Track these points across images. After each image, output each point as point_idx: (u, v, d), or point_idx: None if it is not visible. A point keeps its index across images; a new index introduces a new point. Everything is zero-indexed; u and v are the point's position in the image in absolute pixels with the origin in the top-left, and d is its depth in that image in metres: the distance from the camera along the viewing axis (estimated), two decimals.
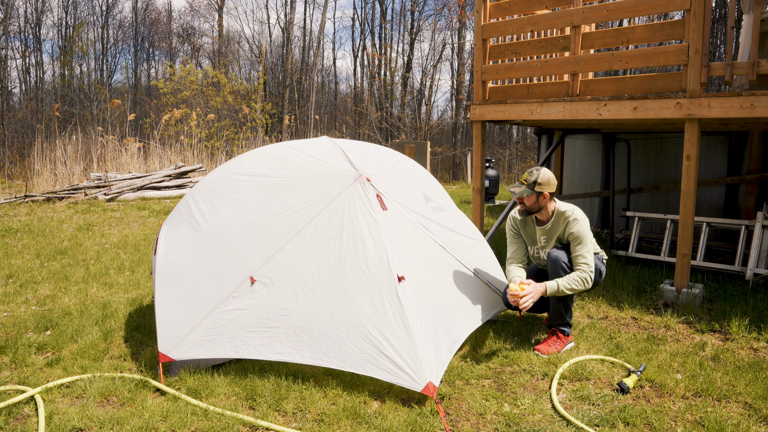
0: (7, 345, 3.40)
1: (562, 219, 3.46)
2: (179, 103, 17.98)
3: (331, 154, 3.35)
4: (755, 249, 4.68)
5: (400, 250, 3.04)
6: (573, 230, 3.41)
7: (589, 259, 3.37)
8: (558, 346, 3.42)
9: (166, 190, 10.60)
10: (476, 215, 5.65)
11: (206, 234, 3.25)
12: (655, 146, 6.84)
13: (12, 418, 2.61)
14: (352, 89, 28.86)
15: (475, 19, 5.47)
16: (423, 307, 2.94)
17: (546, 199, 3.45)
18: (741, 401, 2.82)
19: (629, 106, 4.51)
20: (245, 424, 2.57)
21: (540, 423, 2.60)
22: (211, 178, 3.55)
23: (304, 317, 2.86)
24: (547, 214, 3.51)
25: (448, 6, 24.02)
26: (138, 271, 5.29)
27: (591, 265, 3.36)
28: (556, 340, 3.45)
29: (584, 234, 3.39)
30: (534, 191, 3.42)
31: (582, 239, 3.39)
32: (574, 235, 3.40)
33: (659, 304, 4.39)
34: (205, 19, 38.00)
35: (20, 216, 8.24)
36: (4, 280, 4.94)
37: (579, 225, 3.40)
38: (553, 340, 3.45)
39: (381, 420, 2.56)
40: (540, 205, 3.46)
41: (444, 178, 17.96)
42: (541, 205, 3.46)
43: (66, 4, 28.63)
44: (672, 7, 4.37)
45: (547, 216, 3.51)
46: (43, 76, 28.27)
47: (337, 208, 3.06)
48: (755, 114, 3.94)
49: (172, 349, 2.92)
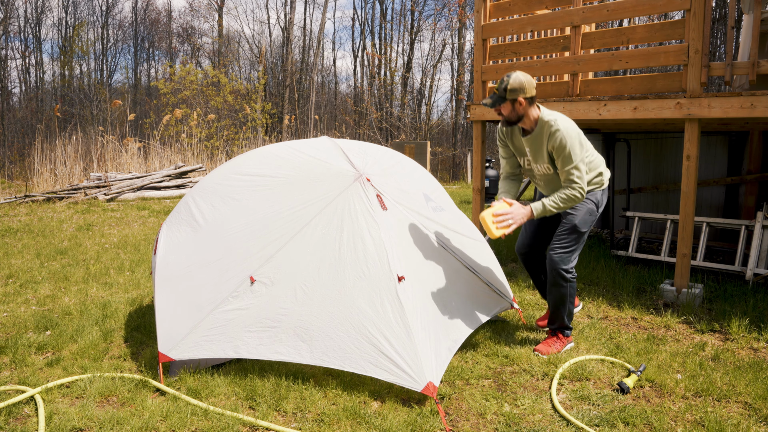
0: (7, 345, 3.40)
1: (546, 129, 3.13)
2: (179, 103, 17.99)
3: (331, 154, 3.35)
4: (755, 249, 4.69)
5: (400, 250, 3.04)
6: (554, 143, 3.08)
7: (577, 175, 3.07)
8: (558, 346, 3.41)
9: (166, 190, 10.60)
10: (476, 215, 5.65)
11: (206, 234, 3.25)
12: (655, 146, 6.84)
13: (12, 418, 2.61)
14: (352, 89, 28.88)
15: (475, 19, 5.47)
16: (423, 306, 2.94)
17: (523, 105, 3.12)
18: (741, 401, 2.82)
19: (629, 106, 4.51)
20: (245, 424, 2.57)
21: (540, 423, 2.60)
22: (210, 178, 3.55)
23: (304, 317, 2.86)
24: (530, 123, 3.20)
25: (448, 6, 24.03)
26: (138, 271, 5.29)
27: (581, 182, 3.08)
28: (555, 340, 3.43)
29: (569, 146, 3.05)
30: (507, 99, 3.12)
31: (566, 152, 3.06)
32: (557, 149, 3.08)
33: (659, 304, 4.39)
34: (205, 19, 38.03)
35: (20, 216, 8.24)
36: (4, 280, 4.94)
37: (561, 136, 3.06)
38: (553, 341, 3.43)
39: (381, 420, 2.56)
40: (518, 113, 3.15)
41: (444, 178, 17.97)
42: (520, 113, 3.15)
43: (66, 4, 28.64)
44: (672, 7, 4.37)
45: (530, 125, 3.21)
46: (43, 76, 28.28)
47: (337, 208, 3.06)
48: (755, 114, 3.94)
49: (172, 349, 2.92)
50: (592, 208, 3.34)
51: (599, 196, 3.39)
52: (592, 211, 3.34)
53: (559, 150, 3.10)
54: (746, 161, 6.02)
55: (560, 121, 3.11)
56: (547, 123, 3.14)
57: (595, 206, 3.36)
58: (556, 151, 3.12)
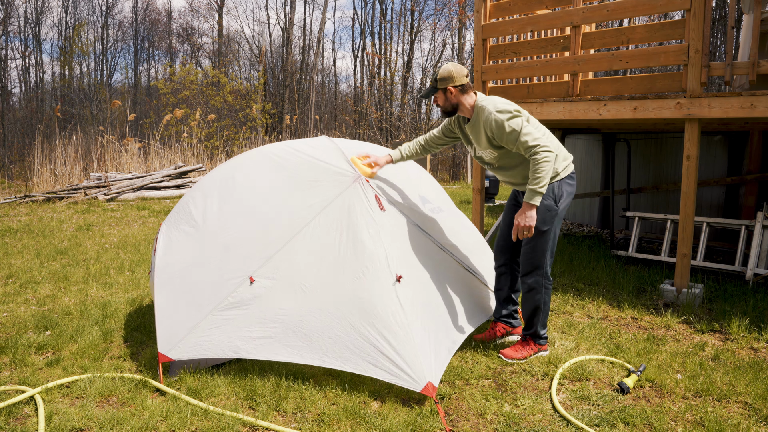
0: (7, 345, 3.40)
1: (481, 115, 3.09)
2: (179, 103, 17.99)
3: (331, 154, 3.35)
4: (755, 249, 4.68)
5: (399, 250, 3.04)
6: (491, 126, 3.01)
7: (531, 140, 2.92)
8: (525, 353, 3.25)
9: (166, 190, 10.60)
10: (476, 215, 5.64)
11: (205, 234, 3.25)
12: (655, 146, 6.84)
13: (12, 418, 2.61)
14: (352, 89, 28.88)
15: (475, 19, 5.47)
16: (422, 306, 2.94)
17: (454, 93, 3.11)
18: (741, 401, 2.82)
19: (629, 106, 4.51)
20: (245, 424, 2.57)
21: (540, 423, 2.60)
22: (210, 177, 3.55)
23: (304, 317, 2.86)
24: (467, 111, 3.17)
25: (448, 6, 24.04)
26: (138, 271, 5.29)
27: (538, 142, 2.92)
28: (524, 345, 3.28)
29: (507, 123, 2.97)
30: (438, 89, 3.13)
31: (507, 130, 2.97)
32: (496, 132, 3.00)
33: (659, 304, 4.39)
34: (205, 19, 38.03)
35: (20, 216, 8.23)
36: (4, 280, 4.94)
37: (493, 117, 2.99)
38: (521, 345, 3.29)
39: (381, 420, 2.56)
40: (451, 102, 3.13)
41: (444, 178, 17.96)
42: (453, 102, 3.13)
43: (66, 4, 28.63)
44: (672, 7, 4.37)
45: (468, 113, 3.17)
46: (43, 76, 28.28)
47: (336, 208, 3.06)
48: (755, 114, 3.94)
49: (172, 349, 2.92)
50: (549, 204, 3.10)
51: (556, 189, 3.12)
52: (550, 206, 3.10)
53: (499, 131, 3.01)
54: (746, 161, 6.02)
55: (491, 104, 3.06)
56: (481, 108, 3.09)
57: (553, 201, 3.11)
58: (497, 135, 3.04)
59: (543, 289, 3.22)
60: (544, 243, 3.15)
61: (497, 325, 3.52)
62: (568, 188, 3.17)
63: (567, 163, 3.21)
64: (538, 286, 3.21)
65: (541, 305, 3.24)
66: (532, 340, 3.31)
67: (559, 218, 3.16)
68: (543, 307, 3.26)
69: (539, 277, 3.20)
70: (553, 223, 3.14)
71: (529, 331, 3.31)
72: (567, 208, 3.22)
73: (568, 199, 3.17)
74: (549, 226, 3.13)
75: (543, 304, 3.25)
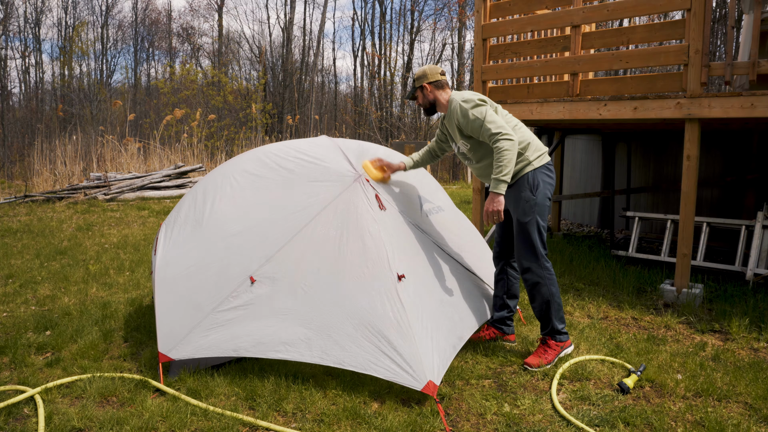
0: (7, 345, 3.40)
1: (451, 107, 3.20)
2: (180, 103, 17.99)
3: (331, 153, 3.35)
4: (755, 249, 4.68)
5: (400, 249, 3.04)
6: (457, 115, 3.10)
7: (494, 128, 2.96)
8: (549, 356, 3.19)
9: (166, 190, 10.60)
10: (476, 215, 5.64)
11: (205, 233, 3.25)
12: (655, 146, 6.84)
13: (12, 418, 2.61)
14: (352, 89, 28.87)
15: (475, 19, 5.47)
16: (423, 306, 2.94)
17: (429, 89, 3.26)
18: (741, 401, 2.82)
19: (629, 106, 4.51)
20: (245, 424, 2.57)
21: (540, 423, 2.60)
22: (210, 177, 3.55)
23: (304, 316, 2.86)
24: (444, 106, 3.29)
25: (448, 6, 24.04)
26: (138, 271, 5.29)
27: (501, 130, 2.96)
28: (546, 349, 3.22)
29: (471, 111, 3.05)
30: (416, 88, 3.30)
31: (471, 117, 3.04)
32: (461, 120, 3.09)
33: (659, 304, 4.39)
34: (205, 19, 38.03)
35: (20, 216, 8.23)
36: (4, 280, 4.94)
37: (458, 106, 3.10)
38: (543, 350, 3.22)
39: (381, 420, 2.56)
40: (428, 99, 3.27)
41: (444, 178, 17.96)
42: (430, 99, 3.27)
43: (66, 4, 28.63)
44: (672, 7, 4.37)
45: (444, 108, 3.30)
46: (43, 76, 28.26)
47: (336, 207, 3.06)
48: (755, 114, 3.94)
49: (172, 349, 2.92)
50: (526, 194, 3.11)
51: (531, 179, 3.11)
52: (527, 197, 3.10)
53: (464, 119, 3.09)
54: (746, 161, 6.02)
55: (459, 96, 3.16)
56: (450, 100, 3.21)
57: (530, 191, 3.10)
58: (463, 124, 3.11)
59: (545, 280, 3.17)
60: (529, 235, 3.14)
61: (489, 328, 3.53)
62: (545, 178, 3.15)
63: (540, 153, 3.20)
64: (539, 278, 3.17)
65: (549, 298, 3.18)
66: (552, 338, 3.24)
67: (540, 208, 3.13)
68: (552, 300, 3.18)
69: (537, 269, 3.17)
70: (534, 213, 3.12)
71: (547, 329, 3.24)
72: (549, 200, 3.18)
73: (546, 189, 3.15)
74: (530, 216, 3.13)
75: (551, 296, 3.18)
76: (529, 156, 3.15)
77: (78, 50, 27.47)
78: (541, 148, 3.22)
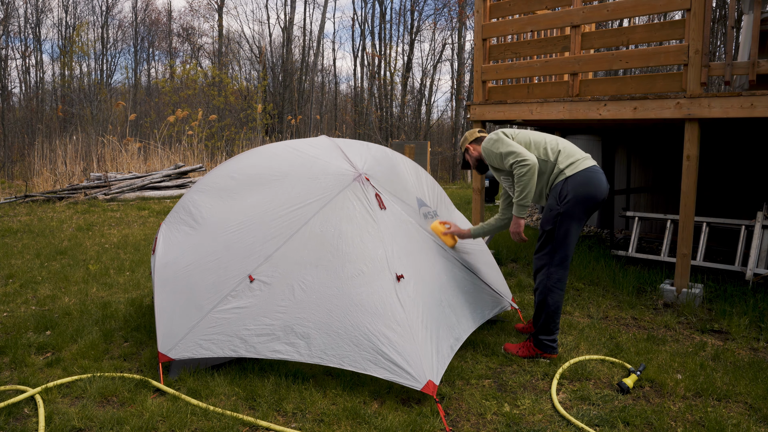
0: (7, 345, 3.40)
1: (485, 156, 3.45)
2: (181, 103, 17.99)
3: (330, 153, 3.35)
4: (755, 249, 4.68)
5: (399, 249, 3.04)
6: (488, 157, 3.38)
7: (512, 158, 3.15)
8: (524, 352, 3.28)
9: (166, 190, 10.60)
10: (476, 215, 5.64)
11: (205, 233, 3.25)
12: (655, 146, 6.84)
13: (12, 418, 2.61)
14: (352, 89, 28.87)
15: (475, 19, 5.47)
16: (423, 305, 2.94)
17: (473, 149, 3.59)
18: (741, 401, 2.82)
19: (629, 106, 4.51)
20: (245, 424, 2.57)
21: (540, 423, 2.60)
22: (209, 177, 3.55)
23: (304, 315, 2.86)
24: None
25: (448, 6, 24.05)
26: (138, 271, 5.29)
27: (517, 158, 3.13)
28: (528, 346, 3.30)
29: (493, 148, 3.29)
30: (463, 154, 3.67)
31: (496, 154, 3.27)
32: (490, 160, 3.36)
33: (659, 304, 4.39)
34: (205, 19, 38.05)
35: (20, 216, 8.24)
36: (4, 280, 4.94)
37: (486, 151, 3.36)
38: (524, 346, 3.32)
39: (381, 420, 2.56)
40: (474, 156, 3.58)
41: (444, 178, 17.96)
42: (475, 155, 3.58)
43: (66, 4, 28.63)
44: (672, 7, 4.38)
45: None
46: (43, 76, 28.26)
47: (335, 206, 3.06)
48: (755, 114, 3.94)
49: (172, 349, 2.92)
50: (551, 203, 3.19)
51: (559, 188, 3.17)
52: (551, 206, 3.18)
53: (491, 158, 3.34)
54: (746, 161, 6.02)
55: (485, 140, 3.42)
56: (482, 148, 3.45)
57: (556, 201, 3.15)
58: (494, 163, 3.36)
59: (547, 291, 3.19)
60: (546, 243, 3.23)
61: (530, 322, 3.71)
62: (577, 187, 3.11)
63: (573, 160, 3.20)
64: (541, 287, 3.22)
65: (544, 307, 3.21)
66: (534, 340, 3.27)
67: (566, 218, 3.12)
68: (546, 311, 3.20)
69: (543, 278, 3.22)
70: (556, 223, 3.15)
71: (534, 331, 3.29)
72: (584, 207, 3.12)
73: (577, 199, 3.10)
74: (551, 226, 3.17)
75: (546, 307, 3.20)
76: (560, 165, 3.21)
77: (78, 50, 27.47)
78: (573, 154, 3.23)
